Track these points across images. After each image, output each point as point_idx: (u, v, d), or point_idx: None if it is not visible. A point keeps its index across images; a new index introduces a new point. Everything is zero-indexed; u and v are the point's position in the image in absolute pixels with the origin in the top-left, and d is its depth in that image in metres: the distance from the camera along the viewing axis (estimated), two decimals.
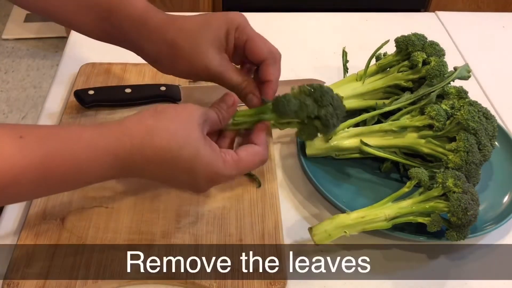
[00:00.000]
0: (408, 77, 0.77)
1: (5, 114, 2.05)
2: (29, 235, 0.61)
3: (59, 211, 0.64)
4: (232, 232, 0.64)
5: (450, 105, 0.71)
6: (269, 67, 0.62)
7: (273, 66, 0.62)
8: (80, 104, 0.78)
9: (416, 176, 0.65)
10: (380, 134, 0.73)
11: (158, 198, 0.67)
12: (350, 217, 0.62)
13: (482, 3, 2.04)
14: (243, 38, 0.61)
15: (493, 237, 0.68)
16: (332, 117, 0.61)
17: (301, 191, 0.72)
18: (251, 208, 0.67)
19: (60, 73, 0.88)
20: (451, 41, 1.04)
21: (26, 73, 2.24)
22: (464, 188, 0.62)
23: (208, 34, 0.60)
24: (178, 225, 0.64)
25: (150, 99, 0.80)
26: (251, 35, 0.61)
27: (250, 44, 0.61)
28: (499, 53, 1.04)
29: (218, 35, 0.60)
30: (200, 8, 1.93)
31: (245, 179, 0.70)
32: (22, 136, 0.46)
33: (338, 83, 0.81)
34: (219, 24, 0.60)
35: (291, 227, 0.67)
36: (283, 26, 1.07)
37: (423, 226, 0.63)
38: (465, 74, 0.76)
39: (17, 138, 0.46)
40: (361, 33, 1.06)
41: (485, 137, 0.67)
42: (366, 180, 0.73)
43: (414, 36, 0.77)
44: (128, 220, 0.64)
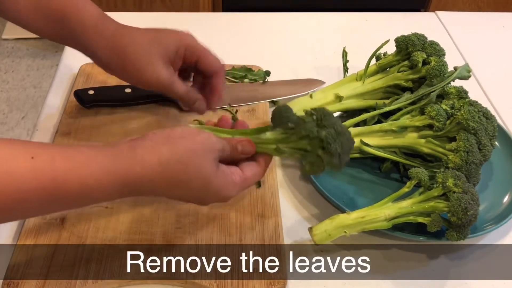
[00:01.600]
0: (408, 77, 0.77)
1: (5, 114, 2.05)
2: (29, 235, 0.61)
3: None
4: (232, 232, 0.64)
5: (450, 105, 0.71)
6: (219, 79, 0.68)
7: (222, 77, 0.69)
8: (80, 104, 0.78)
9: (416, 176, 0.65)
10: (380, 134, 0.73)
11: (158, 198, 0.67)
12: (350, 217, 0.62)
13: (482, 3, 2.04)
14: (193, 57, 0.67)
15: (493, 237, 0.68)
16: (335, 141, 0.56)
17: (301, 191, 0.72)
18: (251, 208, 0.67)
19: (60, 73, 0.88)
20: (451, 41, 1.04)
21: (26, 73, 2.24)
22: (464, 188, 0.62)
23: (159, 49, 0.64)
24: (178, 225, 0.64)
25: (150, 99, 0.80)
26: (203, 52, 0.67)
27: (204, 60, 0.67)
28: (499, 53, 1.04)
29: (168, 53, 0.65)
30: (200, 8, 1.93)
31: None
32: (34, 157, 0.47)
33: (338, 83, 0.81)
34: (170, 41, 0.65)
35: (291, 227, 0.67)
36: (283, 26, 1.07)
37: (423, 226, 0.63)
38: (465, 74, 0.76)
39: (29, 158, 0.46)
40: (361, 33, 1.06)
41: (485, 137, 0.67)
42: (366, 180, 0.73)
43: (414, 36, 0.77)
44: (128, 220, 0.64)
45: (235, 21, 1.08)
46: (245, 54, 0.93)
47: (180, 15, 1.24)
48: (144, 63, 0.63)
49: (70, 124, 0.76)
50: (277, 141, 0.58)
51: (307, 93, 0.83)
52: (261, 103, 0.83)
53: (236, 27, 1.05)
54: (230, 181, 0.56)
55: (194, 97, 0.69)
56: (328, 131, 0.56)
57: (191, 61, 0.67)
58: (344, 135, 0.57)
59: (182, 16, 1.20)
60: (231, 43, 0.97)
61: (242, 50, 0.96)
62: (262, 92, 0.85)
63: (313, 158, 0.57)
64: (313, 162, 0.58)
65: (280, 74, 0.89)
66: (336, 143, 0.56)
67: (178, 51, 0.65)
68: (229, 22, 1.09)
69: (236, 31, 1.03)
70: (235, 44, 0.97)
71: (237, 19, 1.09)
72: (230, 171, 0.56)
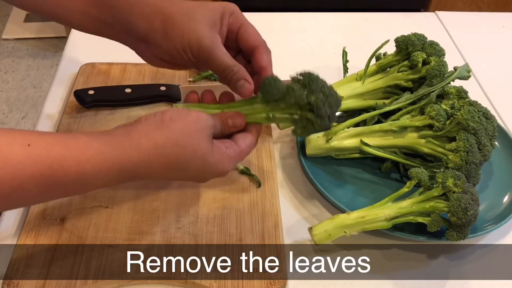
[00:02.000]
0: (408, 77, 0.77)
1: (5, 114, 2.05)
2: (29, 235, 0.61)
3: (59, 211, 0.64)
4: (232, 232, 0.64)
5: (450, 105, 0.71)
6: (263, 55, 0.62)
7: (267, 53, 0.62)
8: (80, 104, 0.78)
9: (416, 176, 0.65)
10: (380, 134, 0.73)
11: (158, 198, 0.67)
12: (350, 217, 0.62)
13: (482, 3, 2.04)
14: (237, 24, 0.62)
15: (493, 237, 0.68)
16: (324, 104, 0.57)
17: (301, 191, 0.72)
18: (251, 208, 0.67)
19: (60, 73, 0.88)
20: (451, 41, 1.04)
21: (26, 73, 2.24)
22: (464, 188, 0.62)
23: (203, 12, 0.61)
24: (178, 225, 0.64)
25: (150, 99, 0.80)
26: (245, 22, 0.63)
27: (244, 30, 0.62)
28: (499, 53, 1.04)
29: (213, 15, 0.61)
30: None
31: (245, 179, 0.70)
32: (31, 144, 0.47)
33: (338, 83, 0.81)
34: (215, 6, 0.62)
35: (291, 227, 0.67)
36: (283, 26, 1.07)
37: (423, 226, 0.63)
38: (465, 74, 0.76)
39: (26, 146, 0.47)
40: (361, 33, 1.06)
41: (485, 137, 0.67)
42: (366, 180, 0.73)
43: (414, 36, 0.77)
44: (128, 220, 0.64)
45: None
46: None
47: None
48: (186, 25, 0.59)
49: (70, 124, 0.76)
50: (267, 111, 0.60)
51: None
52: None
53: None
54: (226, 156, 0.56)
55: (241, 74, 0.60)
56: (317, 96, 0.57)
57: (234, 29, 0.62)
58: (331, 96, 0.59)
59: None
60: None
61: None
62: None
63: (304, 122, 0.59)
64: (304, 125, 0.60)
65: (280, 74, 0.88)
66: (325, 106, 0.58)
67: (223, 16, 0.62)
68: None
69: None
70: None
71: None
72: (224, 145, 0.57)
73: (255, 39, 0.62)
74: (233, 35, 0.63)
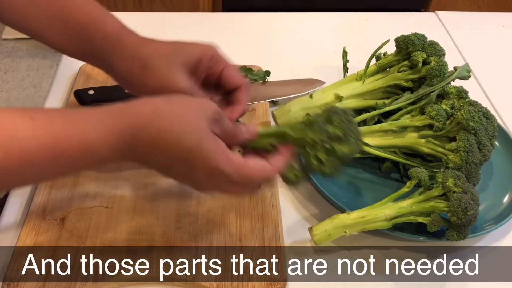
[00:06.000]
0: (408, 77, 0.77)
1: None
2: (29, 235, 0.61)
3: (59, 211, 0.64)
4: (232, 232, 0.64)
5: (450, 105, 0.71)
6: (243, 92, 0.65)
7: (247, 91, 0.66)
8: (80, 104, 0.78)
9: (416, 176, 0.65)
10: (380, 134, 0.73)
11: (158, 198, 0.67)
12: (350, 217, 0.62)
13: (482, 3, 2.04)
14: (219, 67, 0.64)
15: (493, 237, 0.68)
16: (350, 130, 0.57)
17: (301, 191, 0.72)
18: (251, 208, 0.67)
19: (60, 73, 0.88)
20: (451, 41, 1.04)
21: (26, 73, 2.24)
22: (464, 188, 0.62)
23: (180, 58, 0.62)
24: (178, 225, 0.64)
25: None
26: (227, 65, 0.65)
27: (227, 73, 0.65)
28: (499, 53, 1.04)
29: (190, 61, 0.63)
30: (200, 8, 1.93)
31: None
32: (33, 118, 0.48)
33: (338, 83, 0.81)
34: (193, 51, 0.63)
35: (291, 227, 0.67)
36: (283, 26, 1.07)
37: (423, 226, 0.63)
38: (465, 74, 0.76)
39: (29, 119, 0.47)
40: (361, 33, 1.06)
41: (485, 137, 0.67)
42: (366, 180, 0.73)
43: (414, 36, 0.77)
44: (128, 220, 0.64)
45: (235, 21, 1.08)
46: (245, 54, 0.92)
47: (180, 15, 1.23)
48: (164, 72, 0.62)
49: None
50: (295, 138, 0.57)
51: (307, 93, 0.83)
52: (261, 103, 0.83)
53: (236, 27, 1.05)
54: (224, 153, 0.53)
55: None
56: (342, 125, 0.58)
57: (215, 73, 0.65)
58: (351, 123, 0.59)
59: (182, 16, 1.20)
60: (231, 43, 0.96)
61: (242, 50, 0.95)
62: (262, 92, 0.85)
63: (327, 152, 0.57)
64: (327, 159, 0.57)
65: (280, 74, 0.89)
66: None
67: (201, 62, 0.63)
68: (229, 22, 1.09)
69: (236, 31, 1.03)
70: (235, 44, 0.97)
71: (237, 19, 1.09)
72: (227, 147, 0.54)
73: (237, 80, 0.65)
74: (214, 77, 0.65)
